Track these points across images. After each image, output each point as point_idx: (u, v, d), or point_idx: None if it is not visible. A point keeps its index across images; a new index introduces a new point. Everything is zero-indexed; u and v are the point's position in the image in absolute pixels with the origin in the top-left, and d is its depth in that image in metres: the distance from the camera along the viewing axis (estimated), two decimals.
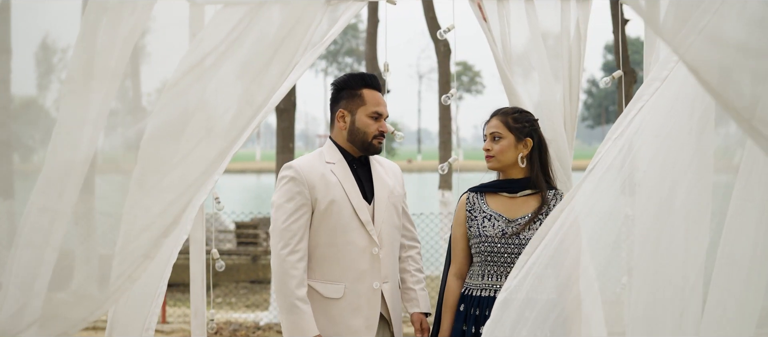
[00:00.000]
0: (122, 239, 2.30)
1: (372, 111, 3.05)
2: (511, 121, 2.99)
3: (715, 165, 2.35)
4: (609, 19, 7.50)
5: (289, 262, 2.91)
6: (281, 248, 2.93)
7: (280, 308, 2.94)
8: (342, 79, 3.13)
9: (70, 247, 2.23)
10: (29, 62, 2.51)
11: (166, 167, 2.37)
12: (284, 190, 2.98)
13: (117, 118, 2.39)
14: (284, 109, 8.96)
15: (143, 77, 2.49)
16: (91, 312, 2.16)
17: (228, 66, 2.50)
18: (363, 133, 3.05)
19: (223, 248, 12.66)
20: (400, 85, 77.34)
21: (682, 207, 2.31)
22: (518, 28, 3.63)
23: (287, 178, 2.98)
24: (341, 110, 3.08)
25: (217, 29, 2.53)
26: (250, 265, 12.44)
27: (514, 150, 2.97)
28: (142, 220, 2.31)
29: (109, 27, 2.25)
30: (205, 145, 2.48)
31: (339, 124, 3.09)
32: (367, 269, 3.00)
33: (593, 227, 2.39)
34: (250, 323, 9.01)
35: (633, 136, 2.36)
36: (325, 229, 2.99)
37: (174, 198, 2.36)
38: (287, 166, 3.02)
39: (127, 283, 2.24)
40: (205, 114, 2.53)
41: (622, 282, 3.61)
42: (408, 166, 54.66)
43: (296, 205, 2.95)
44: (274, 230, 2.97)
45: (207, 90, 2.46)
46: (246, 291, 11.54)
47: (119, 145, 2.41)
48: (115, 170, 2.38)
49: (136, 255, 2.28)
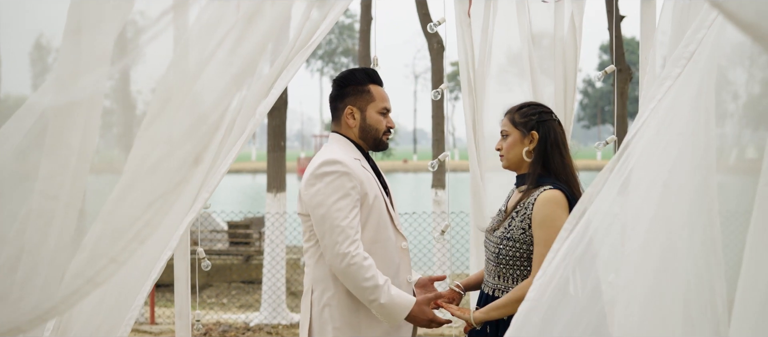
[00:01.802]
0: (92, 238, 2.20)
1: (381, 107, 3.03)
2: (517, 117, 2.92)
3: (711, 164, 2.29)
4: (604, 18, 7.43)
5: (360, 256, 2.82)
6: (347, 245, 2.82)
7: (367, 302, 2.86)
8: (345, 75, 3.08)
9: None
10: (24, 62, 2.45)
11: (148, 169, 2.26)
12: (336, 185, 2.86)
13: (112, 117, 2.34)
14: (275, 108, 8.88)
15: (138, 77, 2.43)
16: (39, 313, 2.04)
17: (217, 65, 2.41)
18: (374, 129, 3.03)
19: (215, 248, 12.56)
20: (396, 85, 77.44)
21: (684, 207, 2.23)
22: (508, 28, 3.61)
23: (338, 173, 2.87)
24: (350, 107, 3.02)
25: (204, 26, 2.43)
26: (243, 265, 12.34)
27: (519, 145, 2.90)
28: (118, 221, 2.21)
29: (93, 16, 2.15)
30: (191, 148, 2.36)
31: (348, 121, 3.03)
32: (399, 264, 3.00)
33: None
34: (241, 324, 8.92)
35: (643, 137, 2.28)
36: (371, 225, 2.93)
37: (152, 200, 2.26)
38: (333, 161, 2.89)
39: (87, 286, 2.13)
40: (194, 115, 2.44)
41: (608, 281, 3.56)
42: (404, 166, 54.66)
43: (353, 201, 2.86)
44: (333, 229, 2.83)
45: (195, 90, 2.36)
46: (238, 291, 11.45)
47: (114, 145, 2.36)
48: (109, 170, 2.32)
49: (103, 257, 2.17)
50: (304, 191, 2.93)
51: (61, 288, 2.08)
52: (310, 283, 3.00)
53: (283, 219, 9.26)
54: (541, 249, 2.76)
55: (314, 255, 2.97)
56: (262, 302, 9.13)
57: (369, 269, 2.82)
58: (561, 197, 2.78)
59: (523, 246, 2.81)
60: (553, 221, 2.73)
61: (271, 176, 9.44)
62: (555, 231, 2.72)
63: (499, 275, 2.87)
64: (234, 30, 2.42)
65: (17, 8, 2.44)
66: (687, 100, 2.26)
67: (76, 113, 2.08)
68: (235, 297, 11.03)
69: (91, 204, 2.22)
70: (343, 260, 2.82)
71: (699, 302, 2.28)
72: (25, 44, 2.42)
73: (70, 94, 2.07)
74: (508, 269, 2.85)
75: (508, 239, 2.84)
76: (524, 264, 2.82)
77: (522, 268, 2.83)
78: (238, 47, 2.41)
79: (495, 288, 2.89)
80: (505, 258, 2.85)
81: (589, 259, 2.26)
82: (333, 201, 2.84)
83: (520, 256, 2.82)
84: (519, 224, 2.82)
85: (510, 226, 2.85)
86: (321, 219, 2.85)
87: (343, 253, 2.81)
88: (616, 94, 3.93)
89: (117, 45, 2.19)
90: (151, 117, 2.26)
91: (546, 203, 2.76)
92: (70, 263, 2.09)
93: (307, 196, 2.91)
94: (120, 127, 2.40)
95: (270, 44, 2.79)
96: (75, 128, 2.09)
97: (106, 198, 2.20)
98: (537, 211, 2.77)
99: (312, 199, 2.88)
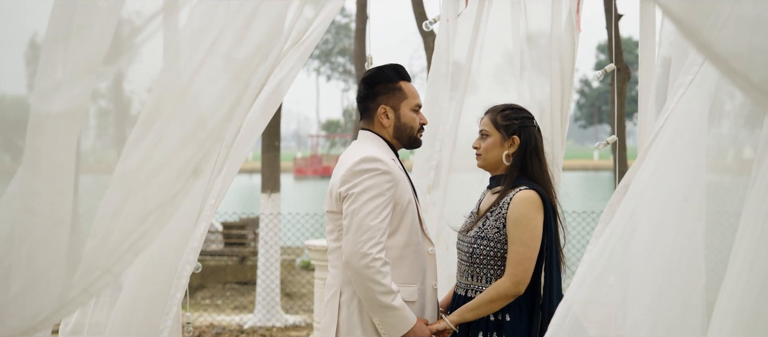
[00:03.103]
0: (88, 251, 2.17)
1: (414, 104, 2.98)
2: (500, 119, 2.90)
3: (707, 165, 2.29)
4: (600, 18, 7.37)
5: (380, 260, 2.74)
6: (371, 246, 2.73)
7: (373, 308, 2.78)
8: (374, 74, 3.01)
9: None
10: (19, 62, 2.44)
11: (144, 179, 2.18)
12: (375, 182, 2.77)
13: (108, 117, 2.33)
14: None
15: (134, 77, 2.38)
16: (33, 324, 2.00)
17: (211, 69, 2.33)
18: (409, 128, 2.97)
19: (209, 248, 12.46)
20: None
21: (684, 208, 2.20)
22: (503, 26, 3.59)
23: (378, 171, 2.79)
24: (383, 106, 2.95)
25: (195, 28, 2.37)
26: (238, 266, 12.24)
27: (499, 148, 2.88)
28: (113, 233, 2.17)
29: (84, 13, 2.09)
30: (190, 156, 2.34)
31: (382, 120, 2.96)
32: (426, 269, 2.94)
33: None
34: (234, 326, 8.83)
35: None
36: (404, 229, 2.86)
37: (148, 213, 2.18)
38: (373, 159, 2.81)
39: (82, 297, 2.10)
40: (191, 121, 2.42)
41: (609, 283, 3.51)
42: None
43: (387, 200, 2.78)
44: (360, 226, 2.74)
45: (189, 95, 2.29)
46: (233, 293, 11.36)
47: (110, 146, 2.33)
48: (107, 171, 2.24)
49: (97, 269, 2.14)
50: (339, 186, 2.83)
51: (54, 301, 2.03)
52: (338, 284, 2.90)
53: (278, 220, 9.17)
54: (516, 247, 2.75)
55: (341, 256, 2.87)
56: (256, 305, 9.05)
57: (386, 276, 2.75)
58: (536, 198, 2.77)
59: (498, 245, 2.79)
60: (529, 221, 2.74)
61: (265, 176, 9.35)
62: (530, 230, 2.74)
63: (473, 274, 2.86)
64: (228, 31, 2.36)
65: (12, 8, 2.41)
66: (698, 106, 2.25)
67: (61, 126, 2.02)
68: (230, 298, 10.94)
69: (87, 205, 2.20)
70: (362, 259, 2.73)
71: (706, 304, 2.25)
72: (20, 44, 2.40)
73: (56, 105, 2.01)
74: (482, 269, 2.83)
75: (483, 238, 2.82)
76: (498, 263, 2.80)
77: (495, 267, 2.81)
78: (234, 50, 2.34)
79: (467, 288, 2.88)
80: (480, 257, 2.83)
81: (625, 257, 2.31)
82: (367, 198, 2.76)
83: (495, 255, 2.80)
84: (493, 223, 2.80)
85: (484, 225, 2.83)
86: (351, 214, 2.77)
87: (364, 252, 2.73)
88: (615, 93, 3.87)
89: (112, 45, 2.14)
90: (146, 123, 2.22)
91: (521, 203, 2.76)
92: (65, 277, 2.05)
93: (342, 190, 2.82)
94: (116, 127, 2.37)
95: (265, 45, 2.76)
96: (59, 141, 2.02)
97: (103, 198, 2.15)
98: (512, 210, 2.76)
99: (347, 192, 2.79)
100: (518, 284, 2.74)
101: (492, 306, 2.77)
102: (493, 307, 2.77)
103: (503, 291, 2.74)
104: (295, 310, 9.90)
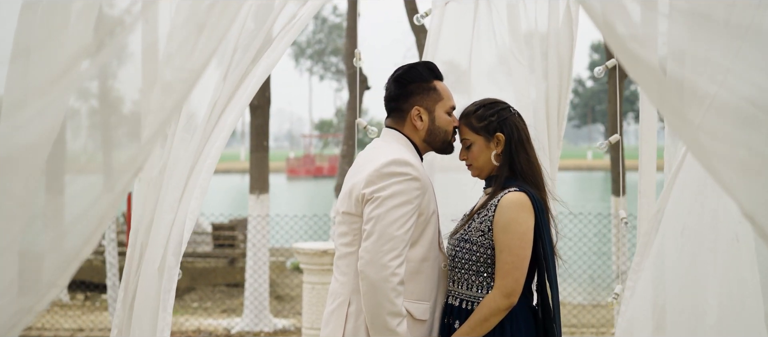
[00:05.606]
0: (44, 270, 2.03)
1: (449, 106, 2.78)
2: (475, 121, 2.72)
3: None
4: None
5: (399, 277, 2.52)
6: (392, 258, 2.51)
7: (375, 326, 2.54)
8: (407, 72, 2.78)
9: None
10: (1, 70, 2.31)
11: (131, 171, 2.10)
12: (404, 188, 2.55)
13: (95, 118, 2.23)
14: (258, 106, 8.62)
15: (126, 78, 2.26)
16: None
17: (197, 58, 2.24)
18: (444, 132, 2.77)
19: (199, 250, 12.26)
20: None
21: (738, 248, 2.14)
22: (499, 25, 3.49)
23: (409, 176, 2.56)
24: (417, 108, 2.73)
25: (181, 19, 2.30)
26: (227, 268, 12.04)
27: (486, 151, 2.72)
28: (64, 248, 2.04)
29: None
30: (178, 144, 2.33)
31: (416, 123, 2.74)
32: (439, 285, 2.74)
33: None
34: (222, 331, 8.64)
35: None
36: (424, 241, 2.64)
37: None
38: (404, 162, 2.59)
39: (27, 317, 1.98)
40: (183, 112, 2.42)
41: (615, 292, 3.37)
42: None
43: (414, 210, 2.56)
44: (383, 235, 2.52)
45: (173, 86, 2.22)
46: (222, 295, 11.17)
47: (100, 146, 2.21)
48: (99, 171, 2.16)
49: (46, 285, 2.02)
50: (364, 187, 2.59)
51: None
52: (347, 294, 2.65)
53: (266, 222, 8.98)
54: (505, 256, 2.58)
55: (355, 262, 2.63)
56: (244, 309, 8.85)
57: (399, 296, 2.53)
58: (525, 200, 2.60)
59: (480, 249, 2.63)
60: (518, 225, 2.57)
61: (253, 177, 9.16)
62: (519, 237, 2.56)
63: (454, 279, 2.70)
64: (210, 17, 2.25)
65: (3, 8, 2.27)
66: None
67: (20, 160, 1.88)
68: (220, 301, 10.75)
69: (74, 207, 2.08)
70: (381, 270, 2.50)
71: None
72: (3, 51, 2.25)
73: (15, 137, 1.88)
74: (463, 274, 2.67)
75: (466, 240, 2.66)
76: (479, 270, 2.63)
77: (477, 274, 2.64)
78: (209, 41, 2.23)
79: (449, 294, 2.73)
80: (461, 262, 2.67)
81: None
82: (393, 205, 2.54)
83: (476, 260, 2.63)
84: (478, 226, 2.64)
85: (469, 228, 2.67)
86: (375, 219, 2.54)
87: (384, 264, 2.50)
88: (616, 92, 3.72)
89: (94, 40, 2.05)
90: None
91: (509, 206, 2.59)
92: (14, 304, 1.91)
93: (366, 191, 2.58)
94: (104, 128, 2.24)
95: (243, 37, 2.70)
96: (18, 175, 1.89)
97: (89, 199, 2.04)
98: (499, 215, 2.59)
99: (371, 194, 2.56)
100: (510, 295, 2.56)
101: (487, 325, 2.59)
102: (488, 325, 2.58)
103: (495, 307, 2.57)
104: (284, 313, 9.72)
